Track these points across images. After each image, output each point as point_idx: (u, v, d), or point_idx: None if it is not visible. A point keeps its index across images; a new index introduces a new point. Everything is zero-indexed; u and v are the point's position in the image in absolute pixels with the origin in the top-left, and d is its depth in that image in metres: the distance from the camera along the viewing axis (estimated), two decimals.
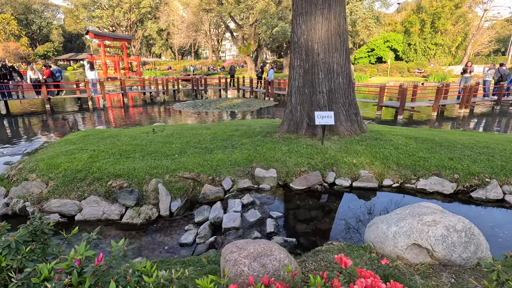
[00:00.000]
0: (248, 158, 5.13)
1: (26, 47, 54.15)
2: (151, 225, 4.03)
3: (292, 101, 6.49)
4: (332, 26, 5.87)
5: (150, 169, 4.64)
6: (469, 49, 39.82)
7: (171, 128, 7.72)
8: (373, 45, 42.72)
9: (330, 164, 4.90)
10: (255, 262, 1.89)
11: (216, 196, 4.38)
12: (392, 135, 6.31)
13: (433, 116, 13.57)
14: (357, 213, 3.90)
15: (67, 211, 4.05)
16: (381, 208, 4.00)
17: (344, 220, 3.74)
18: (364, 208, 4.04)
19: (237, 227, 3.53)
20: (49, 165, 4.76)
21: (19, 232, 2.02)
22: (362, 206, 4.09)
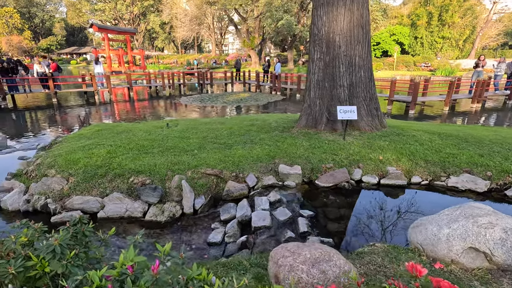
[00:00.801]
0: (270, 154, 4.99)
1: (29, 40, 53.85)
2: (175, 223, 3.91)
3: (310, 95, 6.32)
4: (355, 17, 5.67)
5: (171, 165, 4.52)
6: (477, 43, 39.19)
7: (184, 122, 7.59)
8: (378, 39, 42.12)
9: (356, 161, 4.76)
10: (314, 268, 1.77)
11: (240, 193, 4.26)
12: (414, 131, 6.14)
13: (445, 111, 13.34)
14: (389, 212, 3.77)
15: (89, 208, 3.95)
16: (415, 206, 3.86)
17: (377, 219, 3.61)
18: (396, 206, 3.90)
19: (267, 226, 3.41)
20: (68, 161, 4.65)
21: (60, 234, 1.89)
22: (393, 205, 3.95)
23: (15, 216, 4.06)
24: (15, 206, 4.08)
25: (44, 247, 1.70)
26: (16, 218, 4.04)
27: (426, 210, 3.67)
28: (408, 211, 3.75)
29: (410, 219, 3.50)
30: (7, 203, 4.06)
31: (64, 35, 63.99)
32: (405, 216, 3.62)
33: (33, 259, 1.75)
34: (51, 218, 3.85)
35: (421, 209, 3.78)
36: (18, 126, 10.47)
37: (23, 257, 1.75)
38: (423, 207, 3.82)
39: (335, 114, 6.08)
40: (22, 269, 1.67)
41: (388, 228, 3.40)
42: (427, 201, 4.00)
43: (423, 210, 3.70)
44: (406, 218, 3.57)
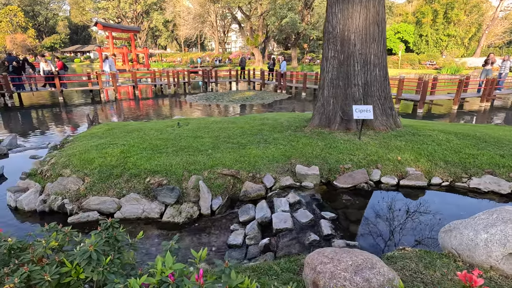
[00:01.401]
0: (285, 154, 4.92)
1: (33, 39, 53.94)
2: (193, 224, 3.86)
3: (324, 94, 6.23)
4: (370, 15, 5.57)
5: (187, 165, 4.46)
6: (482, 41, 38.84)
7: (195, 121, 7.52)
8: None
9: (374, 161, 4.68)
10: (357, 276, 1.70)
11: (257, 194, 4.19)
12: (429, 130, 6.05)
13: (454, 110, 13.21)
14: (413, 214, 3.69)
15: (105, 208, 3.90)
16: (439, 209, 3.78)
17: (401, 222, 3.54)
18: (419, 208, 3.82)
19: (289, 228, 3.34)
20: (83, 160, 4.60)
21: (95, 240, 1.83)
22: (416, 206, 3.87)
23: (31, 217, 4.03)
24: (31, 206, 4.04)
25: (80, 253, 1.65)
26: (32, 218, 4.02)
27: (451, 213, 3.60)
28: (433, 213, 3.66)
29: (436, 221, 3.43)
30: (23, 203, 4.02)
31: (68, 34, 64.04)
32: (430, 219, 3.54)
33: (67, 265, 1.70)
34: (68, 218, 3.81)
35: (446, 211, 3.70)
36: (26, 124, 10.45)
37: (57, 263, 1.70)
38: (448, 210, 3.74)
39: (350, 113, 6.00)
40: (57, 275, 1.62)
41: (414, 231, 3.32)
42: (450, 203, 3.92)
43: (448, 213, 3.62)
44: (432, 221, 3.49)
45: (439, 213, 3.69)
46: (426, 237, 3.19)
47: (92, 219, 3.83)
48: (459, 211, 3.81)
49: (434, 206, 3.88)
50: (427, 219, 3.58)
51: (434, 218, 3.61)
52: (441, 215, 3.65)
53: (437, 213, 3.71)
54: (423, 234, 3.25)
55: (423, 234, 3.24)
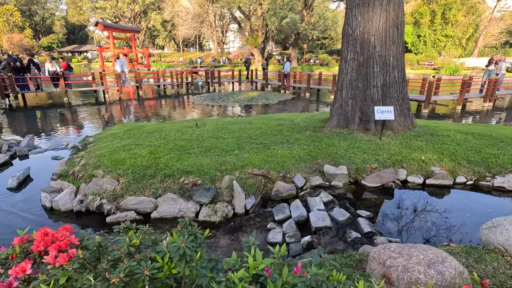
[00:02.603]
0: (311, 154, 5.03)
1: (30, 38, 53.49)
2: (229, 223, 3.95)
3: (342, 95, 6.35)
4: (390, 18, 5.70)
5: (217, 166, 4.55)
6: (480, 41, 39.34)
7: (211, 122, 7.60)
8: None
9: (398, 161, 4.81)
10: (431, 269, 1.81)
11: (289, 194, 4.29)
12: (445, 130, 6.19)
13: (458, 110, 13.42)
14: (442, 212, 3.81)
15: (142, 208, 3.97)
16: (466, 207, 3.92)
17: (432, 219, 3.66)
18: (448, 206, 3.95)
19: (328, 226, 3.45)
20: (113, 161, 4.67)
21: (176, 237, 1.92)
22: (444, 204, 4.00)
23: (67, 217, 4.09)
24: (67, 207, 4.10)
25: (174, 249, 1.73)
26: (68, 218, 4.09)
27: (479, 211, 3.76)
28: (461, 211, 3.80)
29: (466, 219, 3.56)
30: (59, 203, 4.08)
31: (65, 33, 63.60)
32: (460, 216, 3.67)
33: (159, 260, 1.79)
34: (107, 218, 3.87)
35: (473, 209, 3.84)
36: (35, 125, 10.44)
37: (148, 259, 1.78)
38: (475, 208, 3.88)
39: (369, 114, 6.14)
40: (155, 270, 1.70)
41: (447, 228, 3.44)
42: (476, 202, 4.07)
43: (476, 211, 3.77)
44: (462, 218, 3.62)
45: (467, 211, 3.83)
46: (460, 234, 3.31)
47: (130, 218, 3.90)
48: (486, 209, 3.95)
49: (462, 204, 4.01)
50: (457, 217, 3.71)
51: (463, 215, 3.74)
52: (469, 213, 3.79)
53: (465, 211, 3.84)
54: (457, 231, 3.37)
55: (456, 231, 3.36)
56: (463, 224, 3.55)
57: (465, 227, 3.49)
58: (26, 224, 3.95)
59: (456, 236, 3.30)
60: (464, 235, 3.32)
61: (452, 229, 3.45)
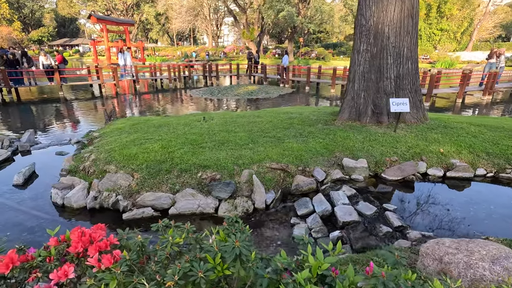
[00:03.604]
0: (327, 147, 4.93)
1: (19, 32, 52.01)
2: (250, 219, 3.83)
3: (354, 88, 6.24)
4: (405, 7, 5.58)
5: (234, 160, 4.41)
6: (474, 35, 39.58)
7: (218, 116, 7.43)
8: None
9: (417, 154, 4.73)
10: (496, 265, 1.72)
11: (309, 188, 4.19)
12: (457, 123, 6.15)
13: (458, 103, 13.45)
14: (467, 204, 3.75)
15: (159, 204, 3.83)
16: (488, 198, 3.87)
17: (459, 211, 3.60)
18: (471, 198, 3.89)
19: (356, 221, 3.35)
20: (125, 156, 4.50)
21: (222, 235, 1.79)
22: (467, 197, 3.95)
23: (80, 214, 3.92)
24: (80, 204, 3.93)
25: (229, 248, 1.61)
26: (82, 215, 3.92)
27: (502, 202, 3.76)
28: (486, 203, 3.75)
29: (492, 211, 3.51)
30: (71, 200, 3.91)
31: (55, 26, 62.01)
32: (484, 208, 3.62)
33: (210, 261, 1.66)
34: (123, 215, 3.72)
35: (497, 201, 3.81)
36: (32, 120, 10.12)
37: (198, 259, 1.66)
38: (498, 199, 3.86)
39: (381, 107, 6.05)
40: (209, 272, 1.58)
41: (477, 220, 3.38)
42: (498, 193, 4.04)
43: (499, 202, 3.76)
44: (488, 210, 3.57)
45: (491, 203, 3.78)
46: (490, 226, 3.25)
47: (146, 215, 3.76)
48: (509, 200, 3.91)
49: (485, 197, 3.97)
50: (483, 209, 3.65)
51: (488, 208, 3.69)
52: (494, 205, 3.74)
53: (489, 203, 3.79)
54: (486, 223, 3.32)
55: (486, 223, 3.31)
56: (490, 216, 3.50)
57: (493, 219, 3.44)
58: (37, 222, 3.78)
59: (488, 229, 3.24)
60: (495, 227, 3.26)
61: (481, 222, 3.39)
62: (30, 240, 3.40)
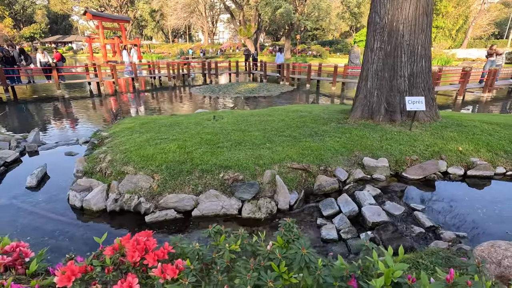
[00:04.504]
0: (346, 146, 4.89)
1: (10, 28, 50.91)
2: (273, 220, 3.78)
3: (367, 86, 6.21)
4: (420, 5, 5.55)
5: (255, 160, 4.35)
6: (469, 32, 39.92)
7: (227, 115, 7.34)
8: None
9: (436, 152, 4.72)
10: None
11: (331, 188, 4.15)
12: (469, 121, 6.16)
13: (459, 100, 13.54)
14: (494, 203, 3.75)
15: (182, 206, 3.75)
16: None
17: (485, 210, 3.59)
18: (496, 197, 3.90)
19: (386, 221, 3.32)
20: (143, 157, 4.40)
21: (280, 241, 1.74)
22: (491, 195, 3.96)
23: (100, 217, 3.83)
24: (100, 206, 3.84)
25: (299, 256, 1.55)
26: (102, 218, 3.83)
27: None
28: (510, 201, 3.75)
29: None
30: (91, 203, 3.81)
31: (47, 23, 60.83)
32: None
33: (274, 269, 1.61)
34: (146, 218, 3.64)
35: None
36: (33, 120, 9.91)
37: (262, 268, 1.60)
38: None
39: (394, 105, 6.03)
40: (278, 281, 1.52)
41: (505, 219, 3.37)
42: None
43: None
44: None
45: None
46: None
47: (169, 217, 3.68)
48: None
49: (507, 195, 3.98)
50: (507, 208, 3.65)
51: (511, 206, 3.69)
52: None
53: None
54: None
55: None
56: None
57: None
58: (56, 226, 3.68)
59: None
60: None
61: (509, 220, 3.38)
62: (53, 245, 3.29)
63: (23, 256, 1.86)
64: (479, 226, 3.31)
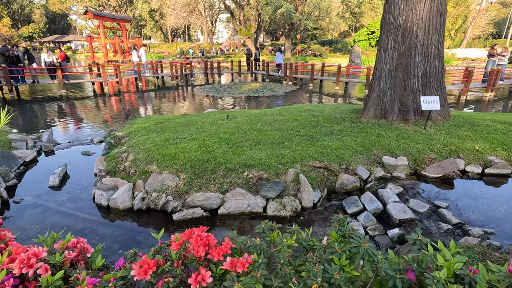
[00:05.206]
0: (363, 145, 4.96)
1: (8, 28, 50.63)
2: (298, 218, 3.84)
3: (380, 86, 6.29)
4: (435, 6, 5.62)
5: (276, 159, 4.40)
6: (468, 32, 40.16)
7: (239, 114, 7.38)
8: (373, 28, 42.32)
9: (453, 151, 4.80)
10: None
11: (353, 186, 4.22)
12: (481, 120, 6.25)
13: (462, 100, 13.66)
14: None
15: (209, 204, 3.80)
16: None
17: (508, 207, 3.67)
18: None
19: (412, 218, 3.39)
20: (165, 156, 4.44)
21: (335, 236, 1.80)
22: (510, 193, 4.03)
23: (126, 215, 3.87)
24: (126, 205, 3.88)
25: (362, 250, 1.61)
26: (128, 217, 3.87)
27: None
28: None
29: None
30: (117, 201, 3.85)
31: (45, 23, 60.55)
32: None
33: (336, 262, 1.67)
34: (174, 216, 3.69)
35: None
36: (41, 120, 9.90)
37: (325, 261, 1.66)
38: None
39: (408, 104, 6.11)
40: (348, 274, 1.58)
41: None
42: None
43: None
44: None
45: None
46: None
47: (197, 215, 3.73)
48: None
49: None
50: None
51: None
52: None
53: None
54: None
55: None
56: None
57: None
58: (85, 224, 3.72)
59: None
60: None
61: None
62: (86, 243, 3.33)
63: (84, 251, 1.91)
64: (503, 222, 3.38)
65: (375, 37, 42.70)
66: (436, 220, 3.36)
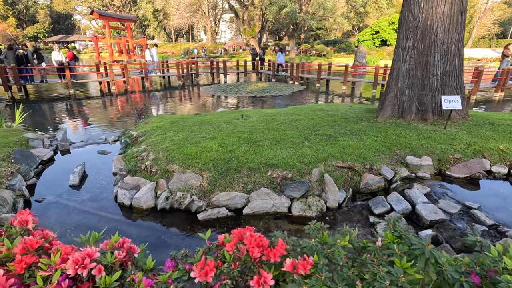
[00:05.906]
0: (385, 145, 4.89)
1: (13, 28, 50.87)
2: (324, 218, 3.78)
3: (398, 85, 6.21)
4: (455, 3, 5.55)
5: (299, 158, 4.34)
6: (474, 32, 39.90)
7: (254, 114, 7.33)
8: (377, 28, 42.17)
9: (478, 151, 4.72)
10: None
11: (378, 186, 4.15)
12: (499, 119, 6.17)
13: (472, 100, 13.54)
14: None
15: (233, 204, 3.75)
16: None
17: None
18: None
19: (443, 219, 3.32)
20: (187, 155, 4.40)
21: (390, 236, 1.74)
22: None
23: (149, 215, 3.83)
24: (150, 204, 3.84)
25: (427, 252, 1.55)
26: (152, 216, 3.83)
27: None
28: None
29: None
30: (141, 201, 3.80)
31: (50, 23, 60.78)
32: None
33: (397, 264, 1.61)
34: (199, 216, 3.64)
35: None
36: (51, 119, 9.90)
37: (385, 263, 1.60)
38: None
39: (426, 104, 6.04)
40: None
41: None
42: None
43: None
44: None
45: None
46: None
47: (222, 215, 3.68)
48: None
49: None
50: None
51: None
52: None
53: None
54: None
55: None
56: None
57: None
58: (109, 224, 3.68)
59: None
60: None
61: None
62: None
63: (131, 252, 1.87)
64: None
65: (379, 37, 42.55)
66: (469, 221, 3.29)
